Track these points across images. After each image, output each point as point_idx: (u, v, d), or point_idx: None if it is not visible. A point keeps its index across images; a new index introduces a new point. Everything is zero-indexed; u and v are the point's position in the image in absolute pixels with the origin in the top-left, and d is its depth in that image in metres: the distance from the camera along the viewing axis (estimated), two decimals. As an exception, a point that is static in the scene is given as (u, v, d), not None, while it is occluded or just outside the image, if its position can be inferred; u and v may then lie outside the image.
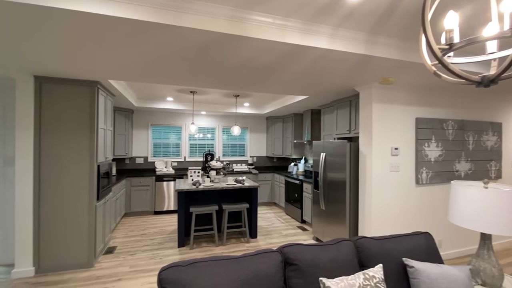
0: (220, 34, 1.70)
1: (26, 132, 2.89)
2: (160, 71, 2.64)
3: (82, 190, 3.08)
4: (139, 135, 5.89)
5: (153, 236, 4.14)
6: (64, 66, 2.51)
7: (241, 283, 1.26)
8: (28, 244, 2.89)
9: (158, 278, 1.23)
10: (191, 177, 4.34)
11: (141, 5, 1.50)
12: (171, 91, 4.43)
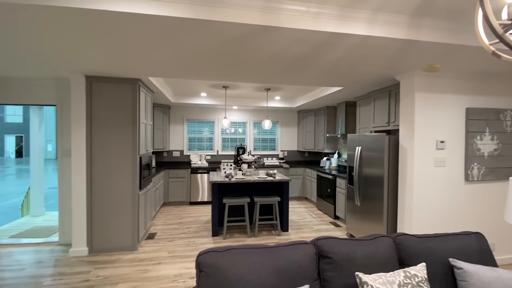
0: (252, 26, 1.71)
1: (79, 126, 3.21)
2: (194, 66, 2.73)
3: (127, 180, 3.35)
4: (176, 130, 6.20)
5: (189, 225, 4.36)
6: (109, 65, 2.73)
7: (275, 271, 1.28)
8: (82, 227, 3.24)
9: (196, 261, 1.30)
10: (223, 169, 4.46)
11: (178, 2, 1.56)
12: (205, 87, 4.57)
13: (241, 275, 1.24)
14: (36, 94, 3.51)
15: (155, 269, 2.87)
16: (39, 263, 2.99)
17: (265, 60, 2.48)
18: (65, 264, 2.98)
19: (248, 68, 2.76)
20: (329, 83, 3.54)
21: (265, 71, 2.88)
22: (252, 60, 2.49)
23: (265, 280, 1.24)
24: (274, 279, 1.25)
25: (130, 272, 2.81)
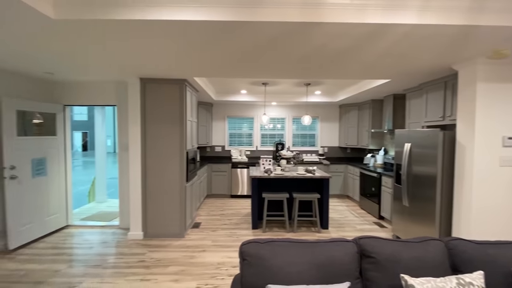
0: (292, 23, 1.71)
1: (135, 124, 3.59)
2: (234, 66, 2.83)
3: (175, 173, 3.64)
4: (218, 126, 6.48)
5: (230, 217, 4.57)
6: (160, 68, 2.99)
7: (315, 266, 1.30)
8: (138, 214, 3.64)
9: (240, 250, 1.39)
10: (263, 165, 4.55)
11: (219, 6, 1.65)
12: (245, 84, 4.69)
13: (281, 267, 1.29)
14: (100, 96, 4.00)
15: (200, 256, 3.10)
16: (104, 243, 3.45)
17: (305, 56, 2.46)
18: (125, 245, 3.39)
19: (288, 64, 2.77)
20: (374, 76, 3.35)
21: (304, 67, 2.85)
22: (291, 57, 2.49)
23: (304, 273, 1.27)
24: (313, 273, 1.28)
25: (178, 256, 3.08)
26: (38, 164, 3.52)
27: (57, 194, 3.86)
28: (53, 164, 3.78)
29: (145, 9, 1.67)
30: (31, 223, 3.42)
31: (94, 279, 2.59)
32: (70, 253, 3.17)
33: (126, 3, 1.66)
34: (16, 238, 3.22)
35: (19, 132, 3.27)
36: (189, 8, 1.68)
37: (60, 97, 4.00)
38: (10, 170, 3.13)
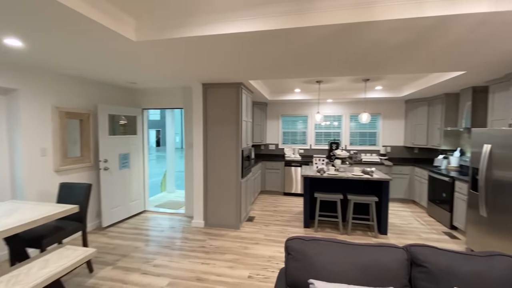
0: (344, 24, 1.70)
1: (198, 124, 4.00)
2: (287, 68, 2.91)
3: (231, 169, 3.94)
4: (272, 125, 6.65)
5: (283, 213, 4.68)
6: (219, 73, 3.27)
7: (359, 268, 1.31)
8: (200, 204, 4.07)
9: (285, 245, 1.49)
10: (315, 164, 4.51)
11: (268, 17, 1.75)
12: (298, 83, 4.70)
13: (324, 264, 1.34)
14: (169, 100, 4.58)
15: (253, 248, 3.30)
16: (172, 228, 3.98)
17: (360, 53, 2.37)
18: (189, 232, 3.84)
19: (340, 63, 2.70)
20: (444, 68, 2.98)
21: (359, 64, 2.74)
22: (344, 55, 2.43)
23: (348, 273, 1.29)
24: (357, 274, 1.29)
25: (234, 246, 3.35)
26: (123, 158, 4.27)
27: (137, 184, 4.61)
28: (134, 158, 4.52)
29: (204, 27, 1.90)
30: (118, 206, 4.19)
31: (164, 257, 3.05)
32: (146, 233, 3.77)
33: (189, 24, 1.91)
34: (108, 218, 3.99)
35: (110, 132, 4.02)
36: (242, 21, 1.83)
37: (140, 102, 4.74)
38: (104, 163, 3.89)
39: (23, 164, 2.97)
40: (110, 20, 1.78)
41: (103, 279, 2.58)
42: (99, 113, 3.81)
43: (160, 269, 2.79)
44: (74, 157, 3.61)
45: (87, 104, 3.80)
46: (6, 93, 2.95)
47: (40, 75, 3.14)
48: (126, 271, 2.73)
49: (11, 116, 2.96)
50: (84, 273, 2.69)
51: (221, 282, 2.56)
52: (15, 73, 2.87)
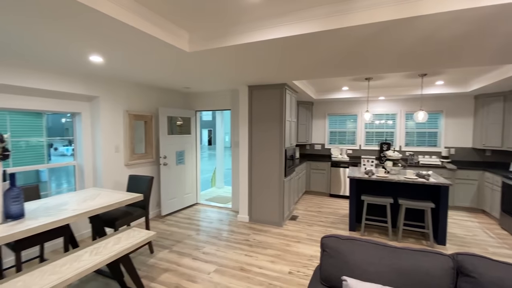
0: (388, 22, 1.66)
1: (244, 124, 4.23)
2: (331, 67, 2.88)
3: (275, 167, 4.05)
4: (318, 124, 6.54)
5: (327, 215, 4.60)
6: (263, 76, 3.41)
7: (396, 271, 1.29)
8: (245, 201, 4.29)
9: (321, 242, 1.54)
10: (364, 165, 4.31)
11: (309, 20, 1.80)
12: (346, 81, 4.55)
13: (359, 264, 1.35)
14: (219, 102, 4.92)
15: (295, 246, 3.36)
16: (220, 221, 4.28)
17: (407, 50, 2.24)
18: (234, 225, 4.09)
19: (389, 59, 2.57)
20: (520, 58, 2.57)
21: (409, 60, 2.56)
22: (391, 52, 2.31)
23: (383, 275, 1.29)
24: (394, 277, 1.27)
25: (276, 242, 3.46)
26: (179, 155, 4.76)
27: (190, 178, 5.07)
28: (188, 156, 4.98)
29: (248, 34, 2.05)
30: (175, 198, 4.68)
31: (212, 246, 3.33)
32: (197, 224, 4.14)
33: (234, 32, 2.09)
34: (166, 207, 4.51)
35: (169, 132, 4.52)
36: (285, 26, 1.93)
37: (193, 105, 5.20)
38: (163, 159, 4.41)
39: (102, 158, 3.59)
40: (169, 36, 2.07)
41: (161, 260, 2.97)
42: (160, 115, 4.32)
43: (208, 256, 3.07)
44: (140, 154, 4.18)
45: (150, 108, 4.36)
46: (90, 100, 3.59)
47: (115, 84, 3.74)
48: (180, 255, 3.09)
49: (94, 118, 3.60)
50: (146, 253, 3.13)
51: (262, 274, 2.70)
52: (97, 83, 3.48)
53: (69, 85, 3.14)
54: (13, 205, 1.90)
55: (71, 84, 3.17)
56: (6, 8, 1.49)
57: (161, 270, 2.77)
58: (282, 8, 1.81)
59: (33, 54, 2.40)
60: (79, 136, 3.54)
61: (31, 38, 1.98)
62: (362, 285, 1.22)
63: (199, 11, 1.85)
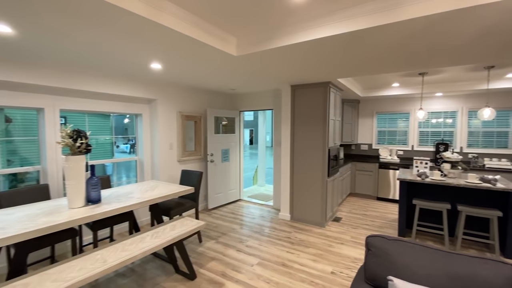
0: (443, 13, 1.56)
1: (286, 124, 4.28)
2: (378, 64, 2.76)
3: (317, 167, 4.02)
4: (365, 123, 6.24)
5: (374, 218, 4.39)
6: (306, 75, 3.42)
7: (449, 276, 1.22)
8: (286, 199, 4.34)
9: (365, 241, 1.53)
10: (416, 167, 3.99)
11: (355, 17, 1.78)
12: (397, 77, 4.28)
13: (407, 265, 1.32)
14: (261, 102, 5.06)
15: (338, 247, 3.30)
16: (262, 217, 4.41)
17: (468, 42, 2.04)
18: (276, 222, 4.17)
19: (448, 51, 2.37)
20: None
21: (471, 52, 2.32)
22: (450, 44, 2.13)
23: (433, 278, 1.23)
24: (445, 282, 1.21)
25: (318, 242, 3.44)
26: (224, 153, 5.03)
27: (234, 175, 5.31)
28: (232, 154, 5.23)
29: (292, 36, 2.11)
30: (220, 193, 4.96)
31: (255, 240, 3.47)
32: (241, 219, 4.34)
33: (279, 35, 2.17)
34: (212, 201, 4.81)
35: (215, 131, 4.81)
36: (329, 25, 1.94)
37: (238, 105, 5.44)
38: (210, 156, 4.71)
39: (159, 155, 4.01)
40: (219, 42, 2.25)
41: (208, 249, 3.21)
42: (208, 115, 4.63)
43: (251, 249, 3.21)
44: (190, 151, 4.54)
45: (199, 108, 4.70)
46: (149, 102, 4.04)
47: (170, 88, 4.13)
48: (225, 246, 3.29)
49: (152, 118, 4.03)
50: (195, 242, 3.40)
51: (304, 271, 2.73)
52: (155, 87, 3.90)
53: (133, 90, 3.59)
54: (92, 191, 2.29)
55: (134, 89, 3.61)
56: (89, 27, 1.81)
57: (208, 258, 3.00)
58: (326, 8, 1.83)
59: (105, 63, 2.82)
60: (140, 134, 4.01)
61: (106, 50, 2.34)
62: (409, 287, 1.19)
63: (246, 17, 1.97)
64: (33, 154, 2.97)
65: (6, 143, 2.80)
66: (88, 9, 1.53)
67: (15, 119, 2.88)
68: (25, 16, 1.63)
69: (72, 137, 2.11)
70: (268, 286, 2.47)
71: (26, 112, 2.82)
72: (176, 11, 1.81)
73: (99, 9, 1.53)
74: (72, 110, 3.21)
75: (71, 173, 2.09)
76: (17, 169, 2.85)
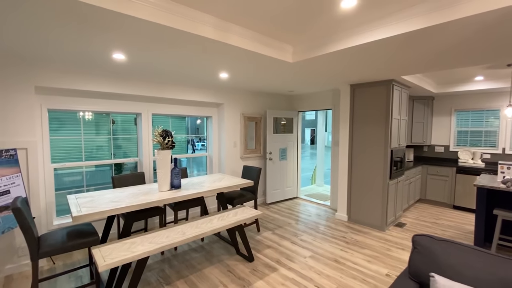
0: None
1: (345, 123, 4.26)
2: (445, 60, 2.57)
3: (378, 169, 3.89)
4: (440, 122, 5.59)
5: (446, 228, 3.98)
6: (367, 74, 3.38)
7: (502, 281, 1.20)
8: (344, 200, 4.32)
9: (412, 239, 1.57)
10: (502, 173, 3.46)
11: (410, 18, 1.79)
12: (479, 69, 3.77)
13: (453, 266, 1.33)
14: (320, 102, 5.12)
15: (397, 252, 3.18)
16: (318, 216, 4.50)
17: None
18: (332, 222, 4.21)
19: (535, 41, 2.07)
20: None
21: None
22: (537, 33, 1.88)
23: (482, 281, 1.22)
24: (496, 286, 1.19)
25: (375, 245, 3.37)
26: (282, 152, 5.29)
27: (291, 174, 5.53)
28: (290, 152, 5.45)
29: (345, 40, 2.22)
30: (278, 189, 5.25)
31: (309, 236, 3.62)
32: (297, 215, 4.53)
33: (332, 41, 2.30)
34: (270, 197, 5.13)
35: (274, 131, 5.12)
36: (382, 28, 1.99)
37: (296, 105, 5.62)
38: (269, 154, 5.04)
39: (225, 151, 4.54)
40: (276, 51, 2.51)
41: (265, 238, 3.52)
42: (267, 116, 4.97)
43: (305, 243, 3.39)
44: (251, 149, 4.97)
45: (259, 110, 5.09)
46: (217, 106, 4.61)
47: (234, 92, 4.63)
48: (281, 238, 3.55)
49: (220, 120, 4.59)
50: (254, 231, 3.77)
51: (357, 270, 2.77)
52: (222, 93, 4.44)
53: (205, 96, 4.20)
54: (175, 179, 2.86)
55: (206, 95, 4.21)
56: (176, 49, 2.32)
57: (265, 246, 3.31)
58: (373, 14, 1.89)
59: (183, 76, 3.42)
60: (210, 134, 4.63)
61: (184, 65, 2.88)
62: (451, 284, 1.22)
63: (300, 27, 2.18)
64: (129, 149, 3.86)
65: (113, 140, 3.71)
66: (177, 38, 2.00)
67: (116, 121, 3.77)
68: (135, 48, 2.22)
69: (162, 136, 2.71)
70: (318, 277, 2.63)
71: (124, 115, 3.67)
72: (240, 31, 2.16)
73: (181, 36, 1.98)
74: (160, 114, 3.98)
75: (161, 164, 2.68)
76: (123, 159, 3.74)
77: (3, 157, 2.43)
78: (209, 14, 1.93)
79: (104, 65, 2.80)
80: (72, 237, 2.17)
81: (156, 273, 2.69)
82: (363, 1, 1.72)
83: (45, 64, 2.78)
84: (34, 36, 1.99)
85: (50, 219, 3.09)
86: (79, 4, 1.48)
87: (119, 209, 2.19)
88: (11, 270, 2.70)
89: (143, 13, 1.66)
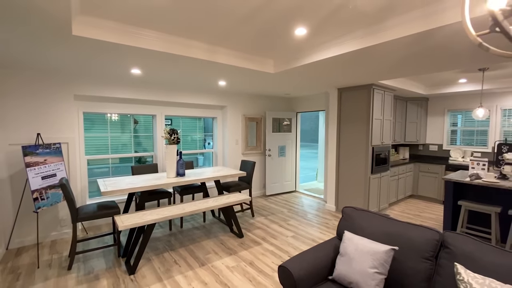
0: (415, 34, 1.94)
1: (333, 123, 4.74)
2: (403, 69, 3.01)
3: (360, 164, 4.34)
4: (434, 122, 5.86)
5: (426, 219, 4.34)
6: (351, 79, 3.86)
7: (386, 235, 1.71)
8: (332, 192, 4.79)
9: (342, 210, 2.10)
10: (472, 168, 3.78)
11: (349, 41, 2.30)
12: (457, 73, 4.09)
13: (361, 226, 1.85)
14: (315, 104, 5.60)
15: (370, 236, 3.64)
16: (310, 206, 5.01)
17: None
18: (321, 211, 4.71)
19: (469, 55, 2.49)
20: None
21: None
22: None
23: (375, 235, 1.74)
24: (383, 238, 1.71)
25: (352, 230, 3.85)
26: (281, 149, 5.84)
27: (290, 169, 6.06)
28: (288, 150, 5.98)
29: (311, 55, 2.76)
30: (276, 183, 5.81)
31: (296, 221, 4.16)
32: (290, 205, 5.07)
33: (300, 56, 2.84)
34: (269, 189, 5.70)
35: (273, 130, 5.68)
36: (334, 47, 2.51)
37: (294, 107, 6.14)
38: (268, 151, 5.61)
39: (228, 148, 5.18)
40: (258, 65, 3.10)
41: (258, 222, 4.11)
42: (267, 117, 5.55)
43: (291, 227, 3.93)
44: (252, 146, 5.57)
45: (260, 111, 5.67)
46: (221, 108, 5.27)
47: (236, 96, 5.25)
48: (271, 222, 4.12)
49: (223, 120, 5.24)
50: (249, 216, 4.38)
51: (328, 247, 3.28)
52: (225, 97, 5.08)
53: (210, 99, 4.86)
54: (180, 169, 3.53)
55: (211, 99, 4.87)
56: (178, 67, 2.98)
57: (255, 227, 3.90)
58: (323, 38, 2.41)
59: (190, 84, 4.09)
60: (216, 133, 5.29)
61: (188, 76, 3.54)
62: (353, 237, 1.75)
63: (273, 46, 2.75)
64: (147, 146, 4.63)
65: (135, 137, 4.48)
66: (177, 60, 2.66)
67: (140, 121, 4.54)
68: (148, 66, 2.91)
69: (169, 133, 3.39)
70: (294, 251, 3.18)
71: (146, 116, 4.45)
72: (226, 51, 2.77)
73: (180, 58, 2.63)
74: (171, 115, 4.69)
75: (168, 156, 3.37)
76: (141, 154, 4.50)
77: (52, 148, 3.23)
78: (200, 41, 2.56)
79: (126, 77, 3.54)
80: (101, 209, 2.90)
81: (164, 243, 3.38)
82: (312, 30, 2.27)
83: (82, 79, 3.57)
84: (85, 63, 2.73)
85: (84, 199, 3.89)
86: (118, 46, 2.17)
87: (134, 188, 2.89)
88: (55, 236, 3.51)
89: (152, 44, 2.33)
